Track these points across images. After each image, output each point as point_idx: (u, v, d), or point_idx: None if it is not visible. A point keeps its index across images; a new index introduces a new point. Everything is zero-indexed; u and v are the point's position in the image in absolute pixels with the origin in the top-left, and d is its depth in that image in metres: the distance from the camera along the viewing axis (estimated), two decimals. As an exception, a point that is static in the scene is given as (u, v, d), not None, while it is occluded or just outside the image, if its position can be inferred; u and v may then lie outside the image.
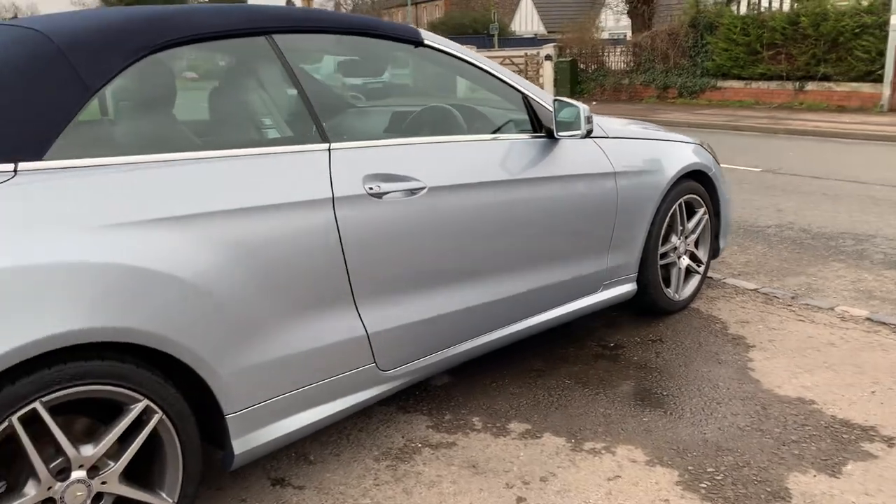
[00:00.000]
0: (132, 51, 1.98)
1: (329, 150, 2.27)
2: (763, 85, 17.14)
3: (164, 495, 1.94)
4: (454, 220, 2.53)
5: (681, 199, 3.60)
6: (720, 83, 18.01)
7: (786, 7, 17.60)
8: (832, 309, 3.81)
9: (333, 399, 2.31)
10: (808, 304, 3.88)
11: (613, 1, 33.99)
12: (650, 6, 21.48)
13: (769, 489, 2.29)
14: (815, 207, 6.31)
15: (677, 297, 3.74)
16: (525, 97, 2.93)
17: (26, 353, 1.62)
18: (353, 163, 2.30)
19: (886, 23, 14.74)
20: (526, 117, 2.95)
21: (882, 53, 14.99)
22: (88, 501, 1.81)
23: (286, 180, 2.14)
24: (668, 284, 3.67)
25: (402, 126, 3.05)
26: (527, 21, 46.82)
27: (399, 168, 2.40)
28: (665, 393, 2.94)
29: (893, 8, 14.36)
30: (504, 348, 2.92)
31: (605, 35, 28.44)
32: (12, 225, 1.67)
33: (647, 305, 3.61)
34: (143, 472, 1.93)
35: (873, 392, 2.89)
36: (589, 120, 2.85)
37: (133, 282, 1.79)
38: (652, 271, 3.51)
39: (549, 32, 41.49)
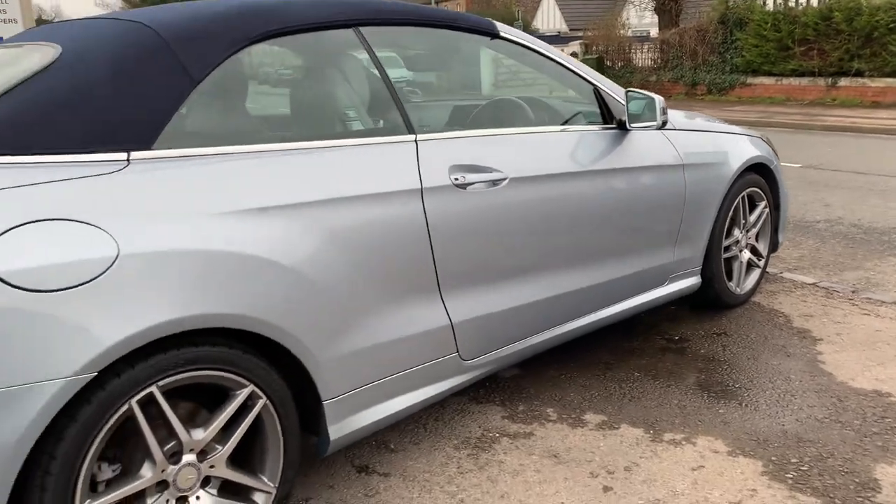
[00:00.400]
0: (232, 42, 2.01)
1: (416, 141, 2.29)
2: (794, 81, 16.97)
3: (265, 480, 1.97)
4: (534, 211, 2.54)
5: (744, 192, 3.58)
6: (750, 79, 17.87)
7: (814, 2, 17.44)
8: (895, 303, 3.77)
9: (419, 388, 2.33)
10: (870, 299, 3.85)
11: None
12: (678, 3, 21.35)
13: (857, 480, 2.28)
14: (864, 203, 6.25)
15: (739, 290, 3.72)
16: (596, 88, 2.94)
17: (146, 337, 1.65)
18: (439, 154, 2.32)
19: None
20: (595, 109, 2.95)
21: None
22: (198, 484, 1.85)
23: (379, 171, 2.16)
24: (730, 278, 3.65)
25: (469, 119, 3.07)
26: (549, 19, 46.71)
27: (481, 159, 2.41)
28: (737, 385, 2.93)
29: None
30: (569, 341, 2.92)
31: (629, 33, 28.31)
32: (128, 213, 1.70)
33: (710, 299, 3.60)
34: (245, 457, 1.96)
35: (950, 385, 2.87)
36: (664, 111, 2.86)
37: (242, 269, 1.82)
38: (716, 264, 3.50)
39: (570, 30, 41.35)
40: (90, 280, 1.59)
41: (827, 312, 3.67)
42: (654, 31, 30.21)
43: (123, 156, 1.77)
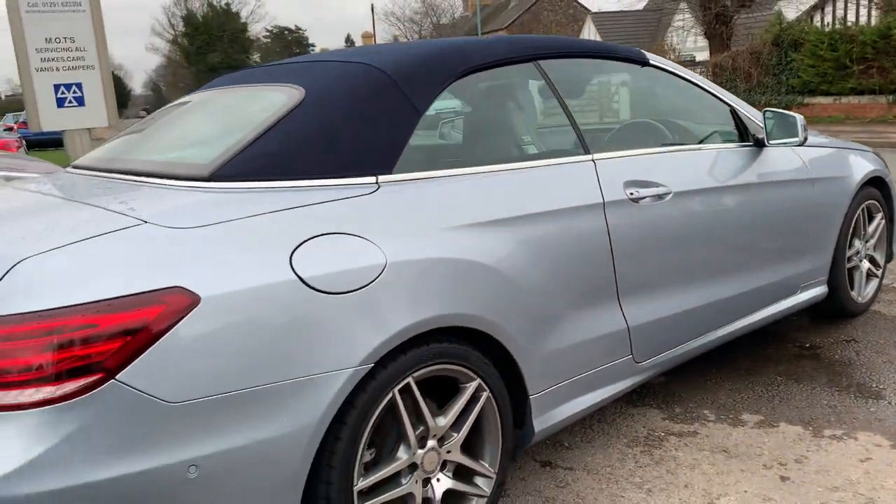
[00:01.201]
0: (445, 77, 2.28)
1: (594, 160, 2.52)
2: (854, 100, 16.92)
3: (486, 465, 2.18)
4: (693, 222, 2.75)
5: (863, 205, 3.73)
6: (807, 100, 17.87)
7: (863, 20, 17.42)
8: None
9: (600, 387, 2.53)
10: None
11: (686, 23, 33.95)
12: (728, 27, 21.46)
13: None
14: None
15: (860, 299, 3.85)
16: (733, 109, 3.15)
17: (407, 333, 1.89)
18: (614, 171, 2.54)
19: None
20: (729, 128, 3.15)
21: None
22: (438, 468, 2.07)
23: (568, 187, 2.40)
24: (851, 287, 3.79)
25: (609, 139, 3.28)
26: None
27: (648, 175, 2.63)
28: (880, 386, 3.07)
29: None
30: (707, 350, 3.09)
31: (671, 58, 28.42)
32: (386, 227, 1.96)
33: (835, 307, 3.74)
34: (468, 445, 2.17)
35: None
36: (805, 128, 3.05)
37: (472, 275, 2.06)
38: (840, 274, 3.64)
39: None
40: (367, 284, 1.85)
41: (951, 318, 3.78)
42: (699, 56, 30.31)
43: (373, 179, 2.04)
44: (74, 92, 10.28)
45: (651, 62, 2.94)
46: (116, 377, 1.54)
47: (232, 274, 1.69)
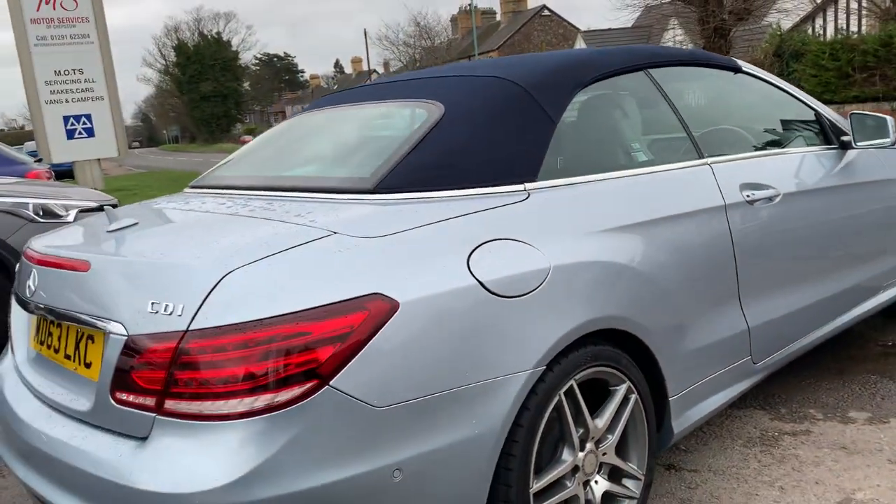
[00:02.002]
0: (573, 87, 2.33)
1: (710, 165, 2.57)
2: (857, 108, 17.09)
3: (635, 468, 2.21)
4: (801, 222, 2.80)
5: (932, 203, 3.79)
6: (811, 109, 18.02)
7: (854, 28, 17.68)
8: None
9: (724, 389, 2.55)
10: None
11: (677, 38, 34.31)
12: (727, 40, 21.68)
13: None
14: None
15: (934, 297, 3.90)
16: (818, 113, 3.21)
17: (571, 336, 1.92)
18: (729, 175, 2.59)
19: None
20: (817, 131, 3.21)
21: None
22: (596, 470, 2.09)
23: (692, 191, 2.45)
24: (925, 285, 3.83)
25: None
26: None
27: (758, 178, 2.69)
28: (977, 380, 3.11)
29: None
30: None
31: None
32: (543, 232, 1.99)
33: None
34: (619, 448, 2.19)
35: None
36: (894, 128, 3.11)
37: (620, 277, 2.10)
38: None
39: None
40: (537, 287, 1.88)
41: None
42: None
43: (522, 187, 2.08)
44: (84, 123, 10.35)
45: (744, 69, 3.00)
46: (330, 383, 1.57)
47: (421, 280, 1.72)
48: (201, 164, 32.28)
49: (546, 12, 61.35)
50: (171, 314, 1.61)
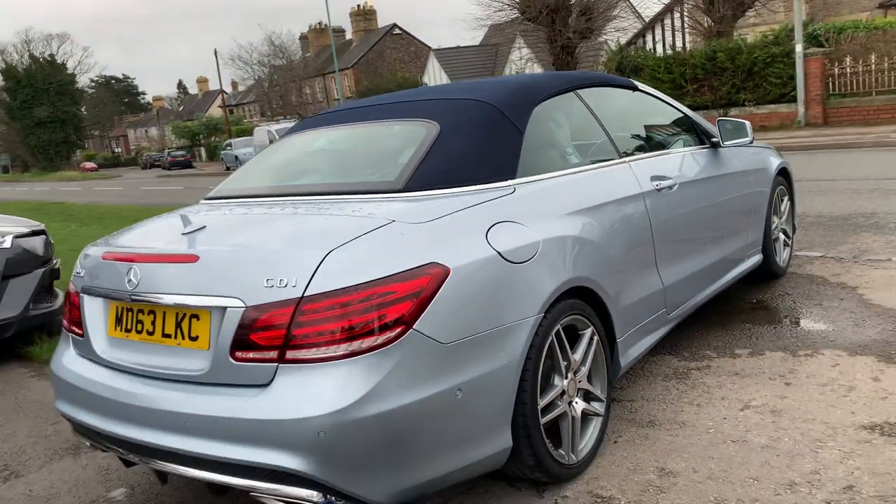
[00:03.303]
0: (529, 106, 3.02)
1: (629, 163, 3.34)
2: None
3: (599, 393, 2.90)
4: (692, 205, 3.63)
5: (777, 189, 4.80)
6: (652, 118, 19.92)
7: (678, 45, 19.83)
8: (889, 259, 5.08)
9: (649, 335, 3.32)
10: (870, 260, 5.14)
11: (524, 55, 36.36)
12: (573, 57, 23.49)
13: (940, 354, 3.43)
14: (813, 201, 7.71)
15: (782, 264, 4.92)
16: (693, 121, 4.09)
17: (559, 291, 2.59)
18: (642, 170, 3.37)
19: (792, 51, 16.95)
20: (690, 135, 4.09)
21: (792, 77, 17.17)
22: (576, 393, 2.76)
23: (620, 183, 3.19)
24: (775, 254, 4.84)
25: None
26: (436, 76, 49.20)
27: (661, 171, 3.49)
28: (822, 320, 4.07)
29: (797, 38, 16.56)
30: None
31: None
32: (530, 216, 2.65)
33: (767, 272, 4.76)
34: (587, 378, 2.88)
35: (961, 299, 4.12)
36: (751, 130, 4.03)
37: (583, 248, 2.79)
38: (769, 244, 4.68)
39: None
40: (534, 256, 2.53)
41: (847, 271, 4.92)
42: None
43: (510, 182, 2.73)
44: None
45: (640, 88, 3.82)
46: (413, 327, 2.15)
47: (461, 252, 2.33)
48: (49, 192, 30.67)
49: (397, 31, 62.59)
50: (286, 286, 2.12)
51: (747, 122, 4.06)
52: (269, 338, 2.13)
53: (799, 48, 16.49)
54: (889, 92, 16.00)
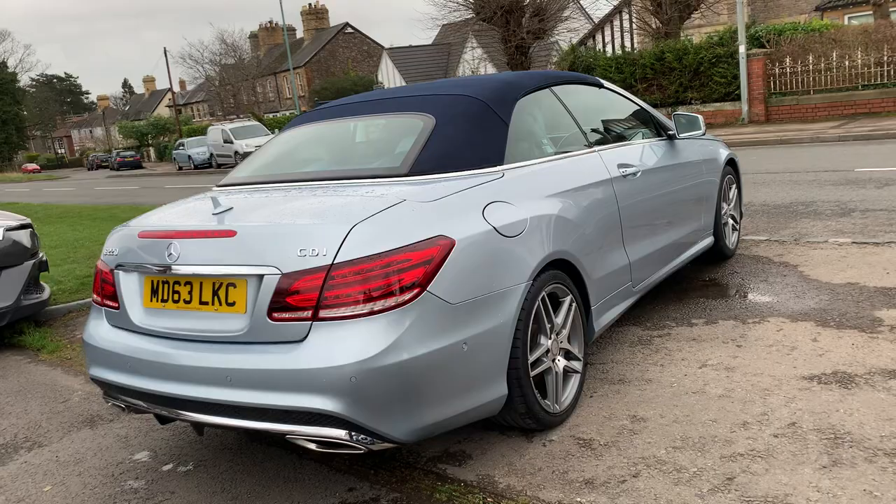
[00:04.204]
0: (512, 100, 3.39)
1: (598, 153, 3.75)
2: (641, 113, 19.80)
3: (577, 353, 3.29)
4: (653, 190, 4.06)
5: (726, 178, 5.29)
6: (604, 116, 20.56)
7: (626, 46, 20.52)
8: (826, 241, 5.61)
9: (617, 305, 3.73)
10: (809, 242, 5.67)
11: (476, 55, 36.86)
12: (527, 57, 24.03)
13: (869, 318, 3.92)
14: (756, 192, 8.29)
15: (731, 246, 5.41)
16: (651, 115, 4.53)
17: (543, 262, 2.97)
18: (610, 158, 3.79)
19: (736, 52, 17.72)
20: (647, 129, 4.53)
21: (736, 77, 17.95)
22: (558, 353, 3.15)
23: (591, 169, 3.60)
24: (724, 238, 5.32)
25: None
26: (389, 76, 49.43)
27: (626, 160, 3.91)
28: (768, 293, 4.55)
29: (740, 39, 17.33)
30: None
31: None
32: (518, 197, 3.02)
33: (718, 252, 5.23)
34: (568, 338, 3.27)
35: (887, 273, 4.64)
36: (703, 124, 4.49)
37: (562, 225, 3.18)
38: (719, 228, 5.16)
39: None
40: (523, 231, 2.91)
41: (789, 252, 5.43)
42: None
43: (498, 168, 3.10)
44: None
45: (605, 86, 4.24)
46: (427, 289, 2.50)
47: (462, 226, 2.69)
48: (-2, 194, 30.06)
49: (349, 30, 62.58)
50: (317, 255, 2.46)
51: (700, 116, 4.52)
52: (304, 300, 2.47)
53: (742, 49, 17.27)
54: (825, 91, 16.88)
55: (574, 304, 3.25)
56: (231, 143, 32.03)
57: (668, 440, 2.90)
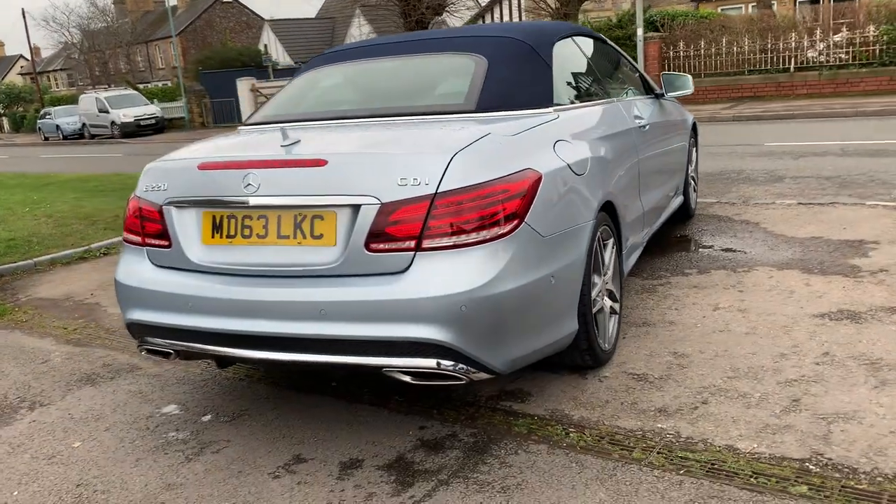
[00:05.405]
0: (550, 43, 3.41)
1: (618, 102, 3.84)
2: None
3: (616, 293, 3.37)
4: (656, 145, 4.21)
5: (690, 139, 5.54)
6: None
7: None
8: (774, 202, 6.01)
9: (636, 251, 3.86)
10: (758, 203, 6.05)
11: (363, 30, 36.46)
12: (426, 29, 23.95)
13: (847, 266, 4.25)
14: (684, 162, 8.71)
15: (693, 206, 5.69)
16: (641, 73, 4.68)
17: (601, 200, 3.03)
18: (627, 110, 3.89)
19: (634, 34, 18.43)
20: (641, 85, 4.68)
21: (634, 59, 18.67)
22: (604, 293, 3.22)
23: (620, 118, 3.69)
24: (689, 197, 5.59)
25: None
26: (273, 52, 47.96)
27: (638, 112, 4.03)
28: (741, 246, 4.83)
29: (638, 22, 18.03)
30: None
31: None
32: (575, 137, 3.05)
33: (684, 211, 5.49)
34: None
35: (844, 228, 5.03)
36: (692, 83, 4.68)
37: (607, 167, 3.25)
38: (686, 187, 5.41)
39: (294, 63, 43.02)
40: (587, 170, 2.95)
41: (745, 212, 5.78)
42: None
43: (551, 109, 3.12)
44: None
45: (608, 42, 4.34)
46: (525, 220, 2.50)
47: (543, 161, 2.70)
48: None
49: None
50: (419, 184, 2.40)
51: (689, 77, 4.71)
52: (405, 230, 2.40)
53: (640, 32, 17.96)
54: (716, 74, 17.90)
55: (615, 247, 3.33)
56: (107, 112, 30.10)
57: (719, 372, 3.05)
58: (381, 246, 2.43)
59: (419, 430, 2.80)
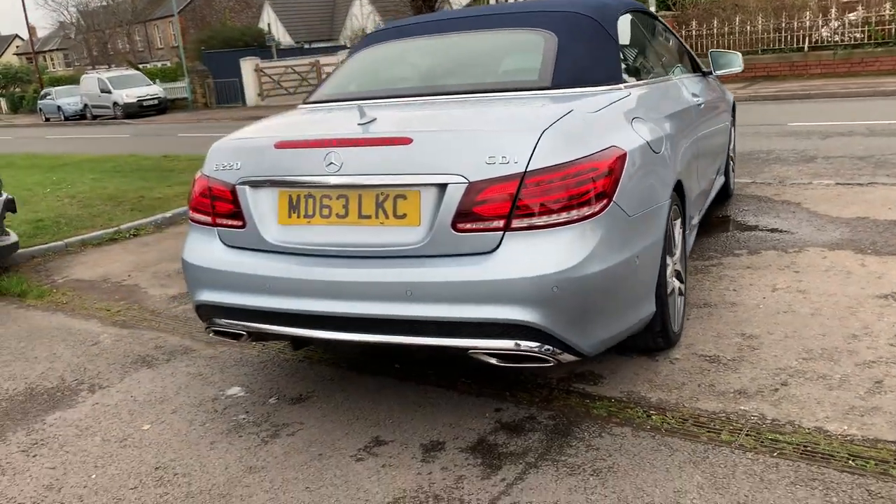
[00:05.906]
0: (614, 19, 3.34)
1: (677, 80, 3.77)
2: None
3: (682, 273, 3.33)
4: (709, 124, 4.15)
5: (731, 118, 5.48)
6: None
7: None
8: (811, 183, 5.95)
9: (692, 232, 3.81)
10: (794, 184, 5.99)
11: (365, 10, 36.15)
12: (433, 9, 23.72)
13: (893, 245, 4.22)
14: (709, 142, 8.64)
15: (733, 186, 5.63)
16: (688, 50, 4.61)
17: (675, 179, 2.98)
18: (685, 88, 3.82)
19: (645, 13, 18.22)
20: (689, 63, 4.61)
21: (644, 38, 18.46)
22: (673, 274, 3.18)
23: (682, 95, 3.63)
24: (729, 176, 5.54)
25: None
26: (275, 31, 47.59)
27: (694, 90, 3.96)
28: (786, 226, 4.78)
29: (650, 1, 17.86)
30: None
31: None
32: (647, 114, 2.99)
33: (724, 191, 5.44)
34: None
35: (889, 209, 4.98)
36: (742, 61, 4.61)
37: (678, 146, 3.19)
38: (728, 167, 5.35)
39: (295, 43, 42.74)
40: (663, 148, 2.90)
41: (783, 192, 5.72)
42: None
43: (622, 86, 3.06)
44: None
45: (659, 19, 4.26)
46: (613, 199, 2.45)
47: (625, 138, 2.64)
48: None
49: (228, -23, 59.50)
50: (508, 163, 2.34)
51: (739, 54, 4.64)
52: (495, 209, 2.35)
53: (653, 10, 17.80)
54: (727, 54, 17.76)
55: (682, 227, 3.28)
56: (109, 92, 29.87)
57: (793, 353, 3.01)
58: (469, 226, 2.38)
59: (495, 413, 2.77)
